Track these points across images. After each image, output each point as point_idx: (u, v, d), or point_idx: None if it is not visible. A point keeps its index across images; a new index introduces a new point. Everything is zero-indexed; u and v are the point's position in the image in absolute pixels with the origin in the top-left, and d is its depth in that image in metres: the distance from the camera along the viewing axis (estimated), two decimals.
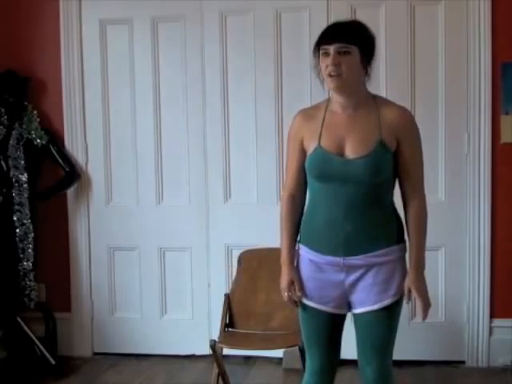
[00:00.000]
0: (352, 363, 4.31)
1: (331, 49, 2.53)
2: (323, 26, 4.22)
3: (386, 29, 4.19)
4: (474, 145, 4.16)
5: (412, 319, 4.31)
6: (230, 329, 3.77)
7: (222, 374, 3.65)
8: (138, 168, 4.52)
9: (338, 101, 2.64)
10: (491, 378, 4.12)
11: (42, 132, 4.43)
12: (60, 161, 4.48)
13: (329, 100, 2.71)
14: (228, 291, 3.87)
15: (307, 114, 2.72)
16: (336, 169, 2.56)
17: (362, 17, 4.17)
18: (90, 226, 4.58)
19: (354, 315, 2.69)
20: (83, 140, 4.54)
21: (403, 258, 2.66)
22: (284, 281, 2.71)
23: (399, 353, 4.30)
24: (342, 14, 4.18)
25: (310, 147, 2.63)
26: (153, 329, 4.56)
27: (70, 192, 4.57)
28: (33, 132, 4.41)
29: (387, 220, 2.63)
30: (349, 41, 2.53)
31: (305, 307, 2.71)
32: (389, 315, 2.64)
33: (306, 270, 2.69)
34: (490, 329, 4.24)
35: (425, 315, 2.65)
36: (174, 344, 4.53)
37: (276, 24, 4.28)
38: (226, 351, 3.80)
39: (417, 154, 2.61)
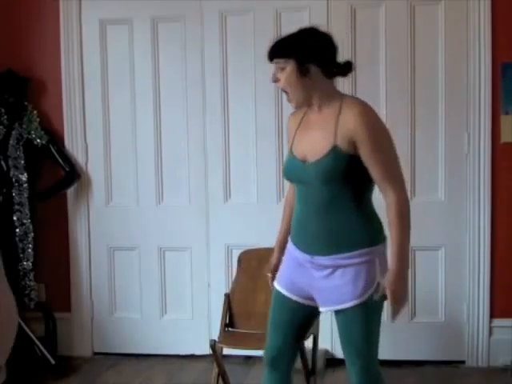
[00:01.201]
0: None
1: (274, 66, 2.68)
2: (323, 26, 4.25)
3: (386, 29, 4.19)
4: (474, 145, 4.16)
5: (412, 319, 4.31)
6: (229, 329, 3.77)
7: (222, 374, 3.65)
8: (137, 168, 4.52)
9: (311, 108, 2.74)
10: (491, 378, 4.12)
11: (42, 132, 4.43)
12: (60, 161, 4.48)
13: None
14: (228, 291, 3.87)
15: (293, 117, 2.84)
16: (296, 173, 2.68)
17: (361, 17, 4.22)
18: (90, 226, 4.58)
19: (334, 314, 2.73)
20: (83, 140, 4.55)
21: (373, 260, 2.63)
22: (268, 266, 2.96)
23: (399, 353, 4.33)
24: (342, 14, 4.21)
25: (287, 151, 2.80)
26: (153, 329, 4.57)
27: (70, 192, 4.57)
28: (33, 132, 4.41)
29: (359, 222, 2.64)
30: (280, 55, 2.63)
31: (275, 292, 2.83)
32: (361, 314, 2.67)
33: (288, 261, 2.83)
34: (490, 329, 4.24)
35: (393, 317, 2.74)
36: (173, 344, 4.53)
37: (276, 24, 4.28)
38: (226, 351, 3.80)
39: (379, 153, 2.56)
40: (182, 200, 4.49)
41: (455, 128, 4.19)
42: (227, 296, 3.79)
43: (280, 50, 2.65)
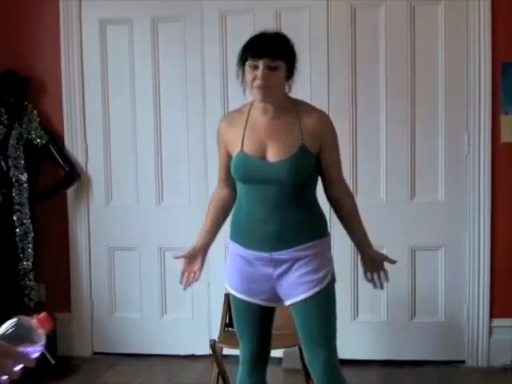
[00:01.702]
0: (352, 363, 4.32)
1: (260, 63, 2.64)
2: (323, 25, 4.26)
3: (386, 29, 4.19)
4: (474, 145, 4.16)
5: (412, 319, 4.31)
6: (230, 329, 3.76)
7: (222, 374, 3.65)
8: (138, 168, 4.52)
9: (260, 106, 2.76)
10: (491, 378, 4.12)
11: (42, 132, 4.43)
12: (60, 161, 4.48)
13: (252, 104, 2.82)
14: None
15: (230, 119, 2.88)
16: (258, 172, 2.71)
17: (361, 17, 4.22)
18: (90, 226, 4.58)
19: (292, 309, 2.79)
20: (83, 140, 4.55)
21: (326, 251, 2.80)
22: (186, 251, 2.90)
23: (399, 353, 4.33)
24: (342, 14, 4.21)
25: (234, 151, 2.78)
26: (153, 329, 4.57)
27: (70, 192, 4.57)
28: (33, 132, 4.41)
29: (311, 216, 2.78)
30: (276, 56, 2.65)
31: (235, 298, 2.84)
32: (320, 303, 2.73)
33: (235, 264, 2.83)
34: (490, 329, 4.24)
35: (392, 260, 2.86)
36: (173, 344, 4.53)
37: (276, 24, 4.28)
38: (226, 351, 3.80)
39: (337, 153, 2.79)
40: (181, 200, 4.49)
41: (455, 128, 4.19)
42: (227, 296, 3.79)
43: (280, 51, 2.69)
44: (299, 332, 2.80)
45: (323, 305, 2.74)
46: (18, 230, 4.36)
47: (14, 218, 4.35)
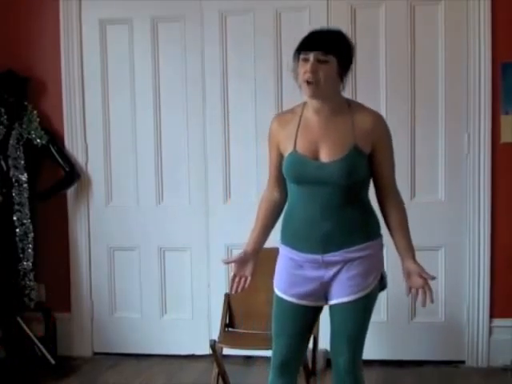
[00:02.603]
0: None
1: (311, 56, 2.59)
2: (323, 25, 4.25)
3: (386, 29, 4.19)
4: (474, 145, 4.16)
5: (412, 319, 4.31)
6: (230, 329, 3.77)
7: (222, 374, 3.65)
8: (137, 168, 4.52)
9: (313, 106, 2.71)
10: (491, 378, 4.12)
11: (42, 132, 4.43)
12: (60, 161, 4.48)
13: (305, 104, 2.76)
14: (228, 291, 3.87)
15: (283, 119, 2.81)
16: (311, 172, 2.66)
17: (361, 17, 4.22)
18: (90, 226, 4.58)
19: (331, 307, 2.77)
20: (83, 140, 4.54)
21: (378, 253, 2.77)
22: (235, 257, 2.86)
23: (399, 353, 4.33)
24: (342, 14, 4.20)
25: (286, 151, 2.72)
26: (153, 329, 4.56)
27: (70, 192, 4.57)
28: (33, 132, 4.41)
29: (363, 217, 2.73)
30: (328, 50, 2.59)
31: (281, 300, 2.79)
32: (362, 307, 2.71)
33: (284, 266, 2.79)
34: (490, 329, 4.24)
35: (429, 275, 2.75)
36: (173, 344, 4.53)
37: (276, 24, 4.28)
38: (226, 351, 3.80)
39: (390, 157, 2.72)
40: (182, 200, 4.49)
41: (455, 128, 4.19)
42: (227, 296, 3.79)
43: (331, 44, 2.62)
44: (331, 328, 2.80)
45: (362, 310, 2.72)
46: (18, 230, 4.36)
47: (14, 218, 4.35)
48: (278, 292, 2.80)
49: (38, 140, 4.42)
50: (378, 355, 4.34)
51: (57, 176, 4.51)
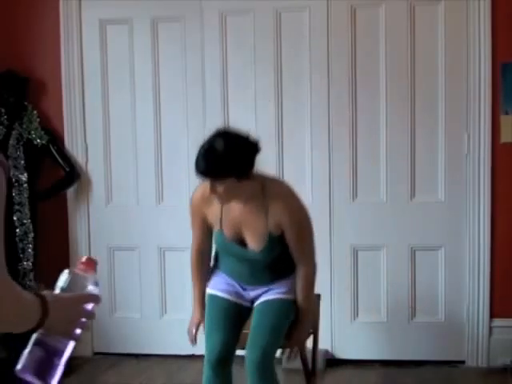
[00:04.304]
0: (352, 363, 4.33)
1: (208, 180, 2.87)
2: (323, 25, 4.27)
3: (386, 29, 4.20)
4: (474, 145, 4.16)
5: (412, 319, 4.31)
6: None
7: None
8: (137, 168, 4.52)
9: None
10: (491, 378, 4.12)
11: (42, 132, 4.43)
12: (60, 161, 4.48)
13: None
14: None
15: (206, 192, 2.97)
16: (237, 252, 3.09)
17: (361, 17, 4.22)
18: (90, 226, 4.58)
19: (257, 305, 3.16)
20: (83, 140, 4.55)
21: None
22: (193, 321, 3.30)
23: (399, 353, 4.33)
24: (342, 14, 4.21)
25: (214, 225, 3.11)
26: (153, 329, 4.57)
27: (70, 192, 4.57)
28: (33, 132, 4.41)
29: (283, 267, 3.12)
30: (219, 176, 2.83)
31: (211, 297, 3.18)
32: (284, 307, 3.10)
33: (219, 277, 3.22)
34: (490, 329, 4.24)
35: (290, 357, 3.22)
36: (173, 344, 4.53)
37: (276, 24, 4.29)
38: None
39: (297, 234, 3.03)
40: (182, 200, 4.49)
41: (455, 128, 4.19)
42: None
43: (220, 171, 2.84)
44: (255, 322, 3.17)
45: (283, 310, 3.14)
46: (18, 230, 4.36)
47: (14, 218, 4.35)
48: (208, 289, 3.22)
49: (38, 140, 4.41)
50: (378, 355, 4.34)
51: (57, 176, 4.51)
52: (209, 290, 3.22)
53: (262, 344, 3.00)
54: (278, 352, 3.21)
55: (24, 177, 4.37)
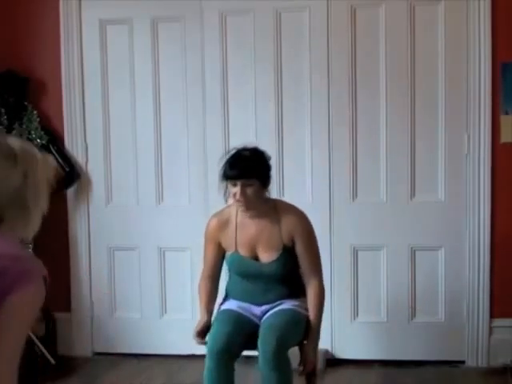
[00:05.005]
0: (352, 363, 4.32)
1: (238, 182, 3.16)
2: (323, 25, 4.26)
3: (386, 29, 4.20)
4: (474, 145, 4.16)
5: (412, 319, 4.31)
6: None
7: None
8: (137, 168, 4.52)
9: (246, 214, 3.26)
10: (491, 377, 4.12)
11: (42, 132, 4.43)
12: (60, 161, 4.48)
13: (237, 207, 3.26)
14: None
15: (221, 220, 3.33)
16: (253, 270, 3.27)
17: (361, 17, 4.22)
18: (90, 226, 4.58)
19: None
20: (83, 140, 4.55)
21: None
22: (200, 325, 3.27)
23: (399, 353, 4.33)
24: (342, 14, 4.21)
25: (228, 249, 3.31)
26: (153, 329, 4.56)
27: (70, 192, 4.57)
28: (33, 132, 4.41)
29: (295, 286, 3.30)
30: (251, 177, 3.16)
31: (222, 310, 3.35)
32: (291, 315, 3.22)
33: (230, 301, 3.37)
34: (490, 329, 4.24)
35: (303, 372, 3.23)
36: (173, 344, 4.53)
37: (276, 24, 4.29)
38: None
39: (307, 249, 3.27)
40: (181, 200, 4.50)
41: (455, 128, 4.19)
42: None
43: (249, 172, 3.17)
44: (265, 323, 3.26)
45: (291, 318, 3.24)
46: None
47: None
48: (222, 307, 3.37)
49: (38, 140, 4.41)
50: (378, 355, 4.34)
51: (57, 176, 4.50)
52: (220, 308, 3.38)
53: (277, 335, 3.05)
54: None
55: None
